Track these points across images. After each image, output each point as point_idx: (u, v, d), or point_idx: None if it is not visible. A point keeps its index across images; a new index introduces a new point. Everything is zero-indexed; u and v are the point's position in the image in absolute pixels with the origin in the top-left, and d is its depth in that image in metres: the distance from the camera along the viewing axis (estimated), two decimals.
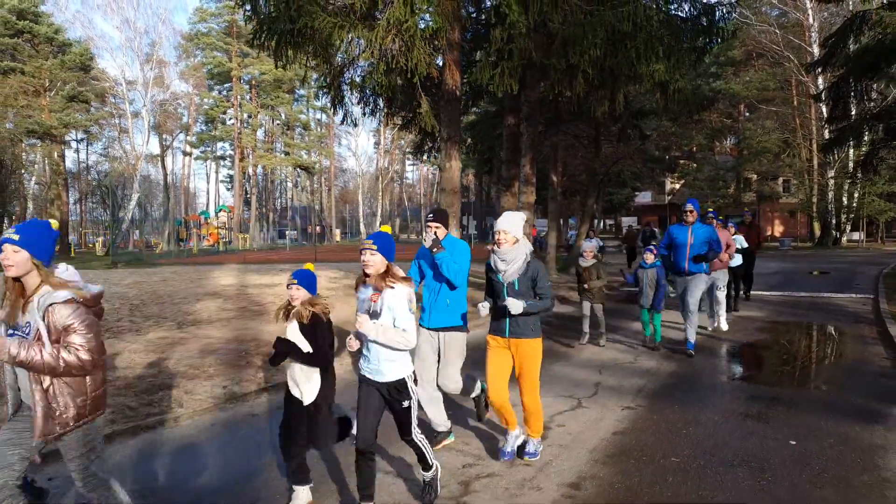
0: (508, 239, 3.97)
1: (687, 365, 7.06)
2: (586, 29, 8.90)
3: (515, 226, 4.03)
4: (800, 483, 3.79)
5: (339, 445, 3.91)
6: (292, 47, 8.94)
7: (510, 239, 3.97)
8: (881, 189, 34.48)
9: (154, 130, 46.09)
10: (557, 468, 4.08)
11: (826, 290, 14.28)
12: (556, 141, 18.61)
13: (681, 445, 4.48)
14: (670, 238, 7.44)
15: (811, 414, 5.17)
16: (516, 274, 3.96)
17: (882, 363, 7.04)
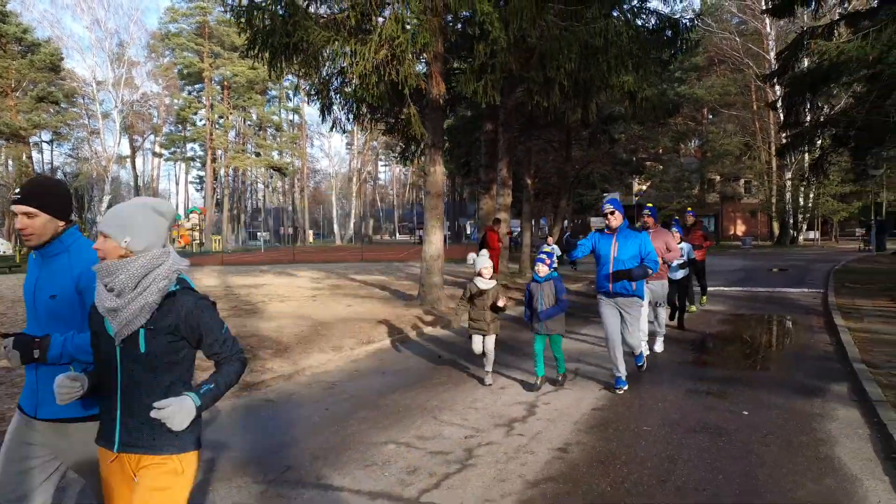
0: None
1: (654, 353, 7.80)
2: (562, 44, 9.62)
3: None
4: (749, 443, 4.52)
5: None
6: (286, 59, 9.47)
7: None
8: (834, 190, 36.19)
9: (125, 131, 45.59)
10: (547, 437, 4.73)
11: (782, 286, 15.30)
12: (529, 145, 19.39)
13: (651, 417, 5.18)
14: (592, 248, 5.97)
15: (762, 390, 5.93)
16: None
17: (826, 348, 7.90)
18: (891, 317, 9.94)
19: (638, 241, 5.78)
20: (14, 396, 5.68)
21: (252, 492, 3.82)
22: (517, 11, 9.38)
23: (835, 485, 3.78)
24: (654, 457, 4.28)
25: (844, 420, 5.01)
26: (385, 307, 11.59)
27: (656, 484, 3.83)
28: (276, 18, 8.95)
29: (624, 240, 5.81)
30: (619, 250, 5.77)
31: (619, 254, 5.76)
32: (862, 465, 4.06)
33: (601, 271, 5.92)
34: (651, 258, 5.69)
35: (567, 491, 3.75)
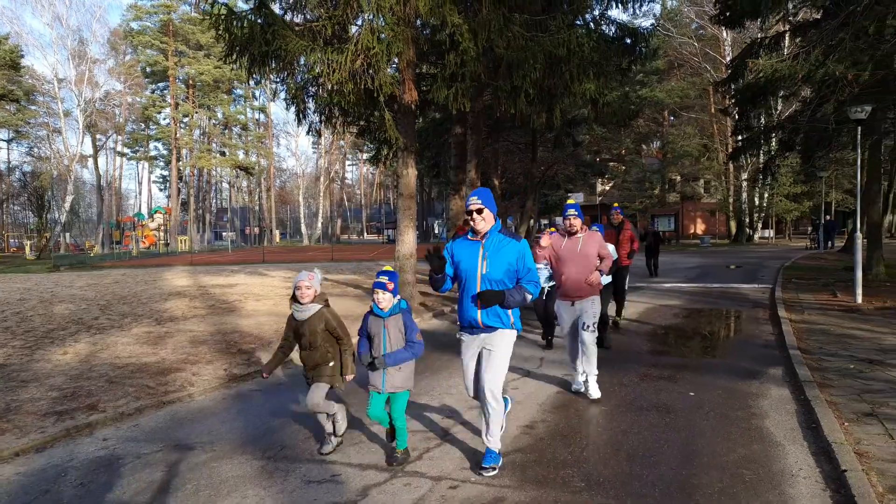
0: None
1: (615, 343, 8.42)
2: (528, 54, 10.18)
3: None
4: (693, 418, 5.13)
5: None
6: (264, 66, 9.83)
7: None
8: (787, 191, 37.77)
9: (87, 130, 44.80)
10: (515, 416, 5.27)
11: (735, 282, 16.19)
12: (497, 147, 20.01)
13: (609, 399, 5.76)
14: (451, 260, 4.18)
15: (708, 374, 6.59)
16: None
17: (768, 338, 8.64)
18: (828, 309, 10.79)
19: (515, 252, 3.98)
20: (6, 392, 5.98)
21: (253, 466, 4.26)
22: (486, 23, 9.92)
23: (761, 449, 4.40)
24: (609, 431, 4.86)
25: (776, 398, 5.68)
26: (360, 304, 12.01)
27: (610, 452, 4.39)
28: (254, 27, 9.30)
29: (495, 250, 4.00)
30: (488, 264, 3.96)
31: (488, 269, 3.95)
32: (786, 434, 4.70)
33: (464, 296, 4.07)
34: (532, 277, 4.00)
35: (533, 459, 4.29)
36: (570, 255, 5.77)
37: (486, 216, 4.03)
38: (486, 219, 4.03)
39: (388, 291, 4.22)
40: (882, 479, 3.74)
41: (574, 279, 5.73)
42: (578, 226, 5.85)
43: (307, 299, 4.43)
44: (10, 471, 4.24)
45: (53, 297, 13.43)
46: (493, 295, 3.89)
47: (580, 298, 5.76)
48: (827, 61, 9.55)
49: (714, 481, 3.85)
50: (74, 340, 8.35)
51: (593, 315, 5.77)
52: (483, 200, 4.01)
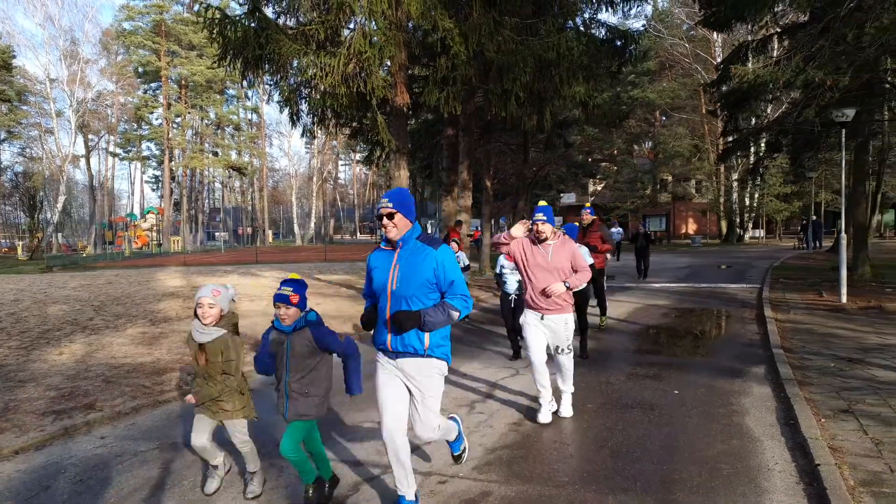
0: None
1: (602, 342, 8.59)
2: (518, 58, 10.35)
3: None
4: (675, 414, 5.29)
5: None
6: (258, 69, 9.95)
7: None
8: (777, 191, 38.13)
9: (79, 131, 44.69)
10: (503, 414, 5.42)
11: (723, 282, 16.41)
12: (489, 148, 20.16)
13: (595, 396, 5.92)
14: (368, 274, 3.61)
15: (693, 373, 6.75)
16: None
17: (752, 337, 8.83)
18: (814, 309, 11.00)
19: (432, 261, 3.31)
20: (4, 392, 6.08)
21: None
22: (476, 27, 10.08)
23: (740, 445, 4.56)
24: (593, 428, 5.01)
25: (757, 395, 5.84)
26: (353, 304, 12.14)
27: (595, 449, 4.54)
28: (248, 31, 9.41)
29: (408, 261, 3.35)
30: (399, 279, 3.33)
31: (399, 285, 3.33)
32: (765, 430, 4.87)
33: (377, 316, 3.50)
34: (458, 291, 3.35)
35: (520, 455, 4.43)
36: (540, 265, 5.07)
37: (399, 221, 3.33)
38: (398, 224, 3.32)
39: (292, 305, 3.53)
40: (854, 472, 3.90)
41: (541, 289, 5.07)
42: (549, 232, 5.06)
43: (209, 320, 3.64)
44: (11, 468, 4.35)
45: (47, 297, 13.47)
46: (406, 317, 3.23)
47: (550, 312, 5.09)
48: (807, 68, 9.77)
49: (693, 476, 4.01)
50: (70, 341, 8.44)
51: (567, 338, 5.20)
52: (395, 203, 3.33)
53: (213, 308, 3.66)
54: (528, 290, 5.20)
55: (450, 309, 3.33)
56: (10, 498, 3.86)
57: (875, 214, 30.27)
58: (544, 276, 5.06)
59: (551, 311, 5.11)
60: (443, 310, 3.32)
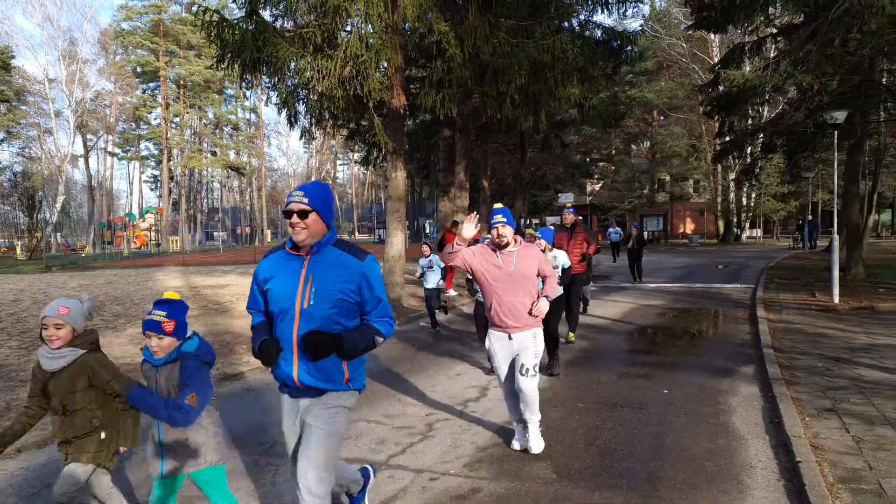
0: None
1: (595, 342, 8.70)
2: (513, 61, 10.45)
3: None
4: (665, 414, 5.40)
5: None
6: (255, 71, 10.06)
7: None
8: (774, 191, 38.26)
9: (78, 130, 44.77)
10: (495, 413, 5.52)
11: (718, 282, 16.53)
12: (486, 149, 20.27)
13: (586, 396, 6.03)
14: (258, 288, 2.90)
15: (683, 372, 6.87)
16: None
17: (744, 337, 8.94)
18: (806, 309, 11.13)
19: (355, 275, 2.72)
20: (6, 391, 6.18)
21: (245, 461, 4.50)
22: (472, 30, 10.18)
23: (725, 443, 4.67)
24: (583, 427, 5.12)
25: (745, 395, 5.96)
26: None
27: (583, 447, 4.66)
28: (246, 34, 9.51)
29: (327, 272, 2.70)
30: (313, 294, 2.67)
31: (313, 301, 2.66)
32: (750, 429, 4.98)
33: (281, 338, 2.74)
34: (386, 312, 2.80)
35: (509, 453, 4.54)
36: (503, 276, 4.35)
37: (314, 223, 2.62)
38: (310, 226, 2.62)
39: (166, 334, 2.76)
40: (833, 469, 4.02)
41: (508, 305, 4.35)
42: (510, 236, 4.40)
43: (58, 343, 2.92)
44: (14, 466, 4.46)
45: (47, 297, 13.58)
46: (324, 340, 2.53)
47: (518, 329, 4.40)
48: (795, 72, 9.90)
49: (678, 473, 4.12)
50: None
51: (535, 355, 4.42)
52: (311, 198, 2.62)
53: (60, 329, 2.92)
54: (491, 307, 4.42)
55: (374, 333, 2.69)
56: (14, 494, 3.97)
57: (872, 214, 30.37)
58: (510, 289, 4.35)
59: (519, 328, 4.39)
60: (367, 334, 2.67)
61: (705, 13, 12.62)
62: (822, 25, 9.27)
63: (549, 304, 4.46)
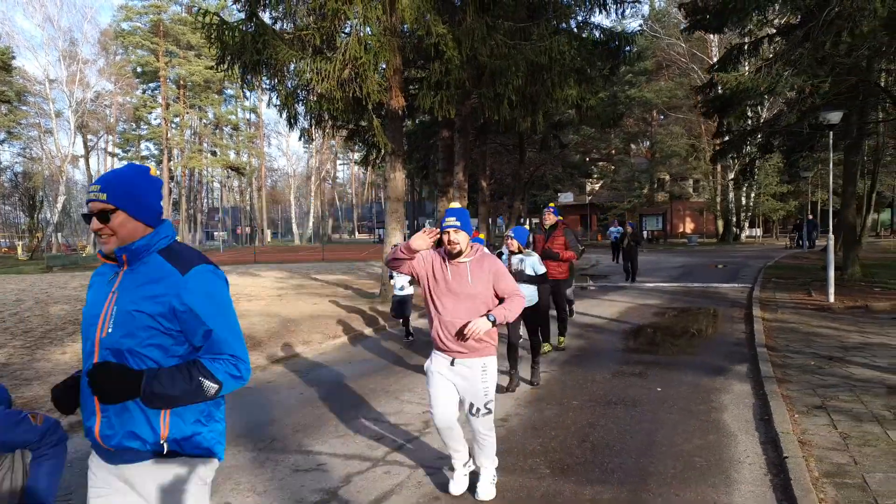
0: None
1: (591, 341, 8.80)
2: (510, 62, 10.55)
3: None
4: (658, 411, 5.50)
5: None
6: (256, 73, 10.16)
7: None
8: (773, 190, 38.35)
9: (78, 131, 44.89)
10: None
11: (716, 281, 16.62)
12: (485, 149, 20.37)
13: (580, 394, 6.13)
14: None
15: (677, 371, 6.97)
16: None
17: (739, 336, 9.04)
18: (802, 308, 11.22)
19: (177, 293, 1.91)
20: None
21: (246, 457, 4.60)
22: (469, 32, 10.28)
23: (716, 439, 4.77)
24: (577, 424, 5.22)
25: (737, 392, 6.06)
26: (349, 305, 12.36)
27: (577, 443, 4.76)
28: (246, 37, 9.61)
29: (137, 288, 1.93)
30: (115, 317, 1.91)
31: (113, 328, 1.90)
32: (740, 426, 5.08)
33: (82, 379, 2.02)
34: (226, 348, 1.95)
35: (505, 449, 4.63)
36: (452, 291, 3.63)
37: (119, 225, 1.94)
38: (116, 230, 1.93)
39: None
40: (819, 464, 4.12)
41: (450, 326, 3.61)
42: (463, 243, 3.63)
43: None
44: None
45: (49, 297, 13.68)
46: (112, 375, 1.81)
47: (463, 355, 3.64)
48: (786, 75, 10.00)
49: (669, 468, 4.22)
50: (73, 341, 8.64)
51: (485, 392, 3.68)
52: (111, 193, 1.92)
53: None
54: (433, 326, 3.73)
55: (202, 375, 1.87)
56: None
57: (871, 214, 30.46)
58: (456, 306, 3.62)
59: (464, 354, 3.64)
60: (187, 375, 1.86)
61: (699, 16, 12.74)
62: (813, 28, 9.36)
63: (488, 326, 3.51)
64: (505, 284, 3.71)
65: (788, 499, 3.68)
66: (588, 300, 13.11)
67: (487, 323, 3.52)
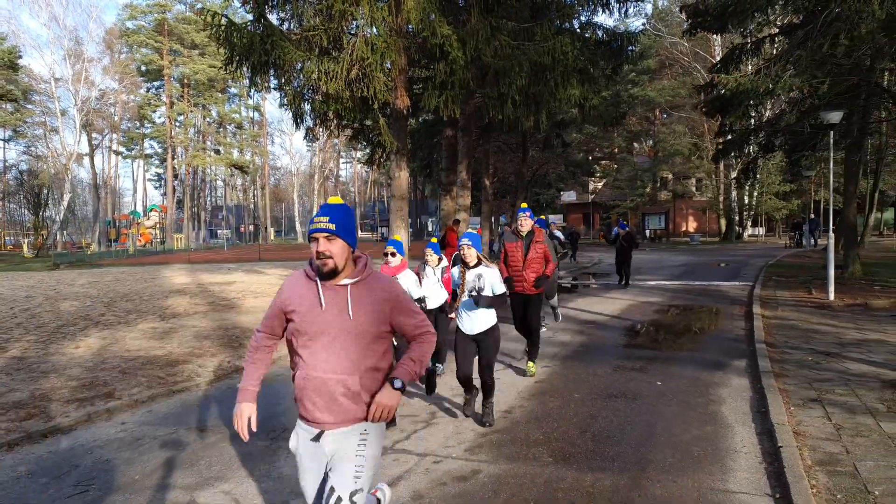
0: None
1: (593, 337, 8.96)
2: (514, 63, 10.70)
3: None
4: (657, 404, 5.66)
5: None
6: (264, 73, 10.33)
7: None
8: (776, 189, 38.42)
9: (84, 129, 45.14)
10: (496, 402, 5.77)
11: (717, 279, 16.75)
12: (488, 148, 20.51)
13: (582, 387, 6.29)
14: None
15: (677, 366, 7.12)
16: None
17: (738, 332, 9.19)
18: (801, 306, 11.35)
19: None
20: (28, 382, 6.46)
21: (258, 446, 4.77)
22: (474, 33, 10.43)
23: (713, 430, 4.93)
24: (578, 415, 5.38)
25: (735, 386, 6.21)
26: None
27: (577, 433, 4.91)
28: (254, 37, 9.78)
29: None
30: None
31: None
32: (737, 418, 5.23)
33: None
34: None
35: (509, 439, 4.80)
36: (318, 325, 2.40)
37: None
38: None
39: None
40: (812, 453, 4.27)
41: (319, 383, 2.40)
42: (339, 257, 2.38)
43: None
44: (42, 450, 4.74)
45: (58, 294, 13.88)
46: None
47: (333, 425, 2.43)
48: (785, 76, 10.14)
49: (667, 457, 4.38)
50: (85, 335, 8.84)
51: (354, 476, 2.38)
52: None
53: None
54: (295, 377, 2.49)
55: None
56: (45, 475, 4.25)
57: (873, 213, 30.53)
58: (326, 352, 2.39)
59: (334, 424, 2.42)
60: None
61: (699, 18, 12.87)
62: (812, 31, 9.49)
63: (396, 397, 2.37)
64: (409, 319, 2.48)
65: (781, 485, 3.83)
66: (590, 297, 13.27)
67: (395, 395, 2.36)
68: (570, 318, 10.65)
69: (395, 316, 2.47)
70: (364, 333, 2.40)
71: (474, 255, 5.23)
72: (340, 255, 2.38)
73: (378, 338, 2.45)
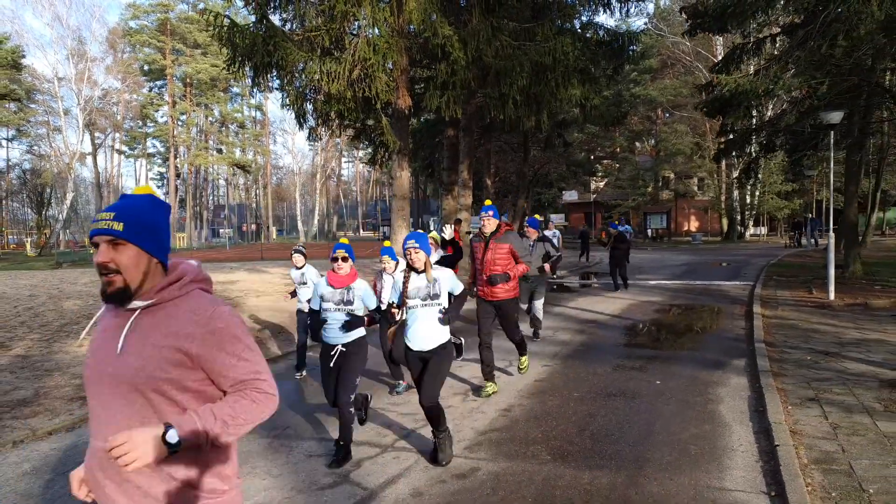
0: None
1: (593, 337, 8.99)
2: (515, 63, 10.74)
3: None
4: (655, 402, 5.70)
5: None
6: (266, 74, 10.38)
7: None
8: (778, 188, 38.38)
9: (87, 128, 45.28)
10: (495, 401, 5.83)
11: (718, 279, 16.77)
12: (489, 147, 20.55)
13: (581, 386, 6.33)
14: None
15: (676, 365, 7.15)
16: None
17: (738, 332, 9.22)
18: (802, 305, 11.38)
19: None
20: (33, 380, 6.52)
21: (261, 443, 4.82)
22: (475, 33, 10.48)
23: (711, 429, 4.97)
24: (577, 414, 5.42)
25: (734, 386, 6.25)
26: None
27: (576, 432, 4.96)
28: (256, 38, 9.83)
29: None
30: None
31: None
32: (735, 416, 5.27)
33: None
34: None
35: (508, 437, 4.85)
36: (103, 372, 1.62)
37: None
38: None
39: None
40: (809, 452, 4.31)
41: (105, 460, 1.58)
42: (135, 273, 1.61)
43: None
44: (47, 447, 4.79)
45: (61, 293, 13.94)
46: None
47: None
48: (784, 77, 10.17)
49: (664, 455, 4.42)
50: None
51: None
52: None
53: None
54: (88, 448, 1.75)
55: None
56: (49, 472, 4.31)
57: (875, 212, 30.48)
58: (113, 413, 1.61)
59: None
60: None
61: (699, 20, 12.91)
62: (811, 32, 9.53)
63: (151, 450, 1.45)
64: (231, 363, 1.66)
65: (777, 483, 3.87)
66: (591, 297, 13.31)
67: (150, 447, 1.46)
68: (570, 317, 10.70)
69: (206, 358, 1.61)
70: (132, 381, 1.57)
71: (423, 258, 4.38)
72: (134, 269, 1.60)
73: (162, 393, 1.58)
